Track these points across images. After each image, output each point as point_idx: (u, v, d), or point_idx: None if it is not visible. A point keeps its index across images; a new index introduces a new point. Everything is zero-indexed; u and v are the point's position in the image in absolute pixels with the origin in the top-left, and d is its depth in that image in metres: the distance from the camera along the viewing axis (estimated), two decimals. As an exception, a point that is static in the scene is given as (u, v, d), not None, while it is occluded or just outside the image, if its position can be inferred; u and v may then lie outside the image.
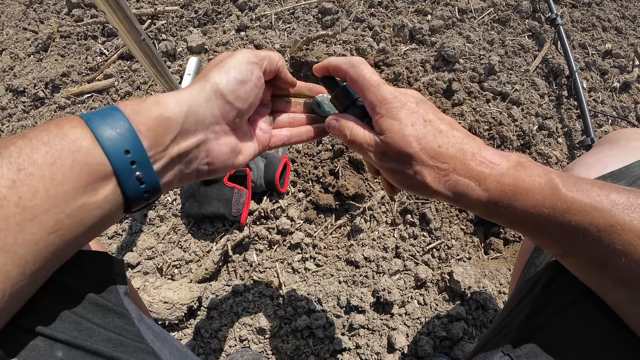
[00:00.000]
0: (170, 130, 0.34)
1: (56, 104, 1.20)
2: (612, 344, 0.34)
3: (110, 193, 0.32)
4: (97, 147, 0.30)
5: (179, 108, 0.35)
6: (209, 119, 0.37)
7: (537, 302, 0.40)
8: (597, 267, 0.33)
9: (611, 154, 0.48)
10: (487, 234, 1.01)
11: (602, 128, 1.20)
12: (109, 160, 0.31)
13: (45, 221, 0.28)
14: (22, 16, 1.43)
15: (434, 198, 0.40)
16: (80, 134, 0.30)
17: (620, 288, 0.32)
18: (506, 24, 1.31)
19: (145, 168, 0.33)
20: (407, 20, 1.25)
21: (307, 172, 1.01)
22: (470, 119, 1.09)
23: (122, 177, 0.32)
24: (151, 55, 0.78)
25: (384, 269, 0.91)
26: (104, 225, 0.33)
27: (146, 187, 0.33)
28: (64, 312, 0.33)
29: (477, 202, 0.37)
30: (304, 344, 0.84)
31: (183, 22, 1.29)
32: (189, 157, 0.37)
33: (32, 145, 0.28)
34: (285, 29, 1.27)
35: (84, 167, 0.30)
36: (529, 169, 0.36)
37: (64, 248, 0.30)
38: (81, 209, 0.30)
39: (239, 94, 0.39)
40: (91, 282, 0.36)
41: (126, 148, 0.31)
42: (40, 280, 0.31)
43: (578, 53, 1.31)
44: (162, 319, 0.83)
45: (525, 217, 0.35)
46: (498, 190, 0.36)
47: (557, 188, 0.33)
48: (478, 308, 0.89)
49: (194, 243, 0.95)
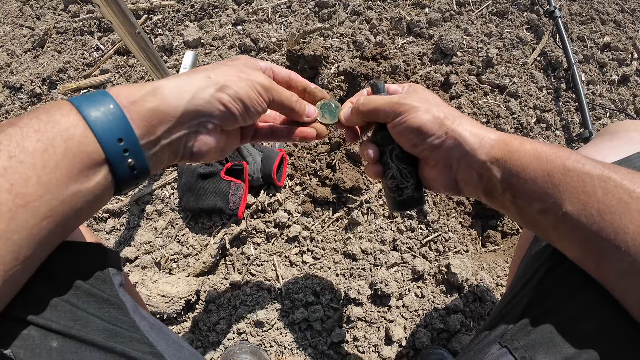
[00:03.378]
0: (164, 122, 0.35)
1: (53, 100, 1.20)
2: (612, 334, 0.33)
3: (102, 179, 0.32)
4: (90, 135, 0.31)
5: (177, 102, 0.35)
6: (205, 117, 0.38)
7: (536, 292, 0.40)
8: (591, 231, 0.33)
9: (611, 146, 0.48)
10: (484, 227, 1.01)
11: (600, 121, 1.19)
12: (102, 148, 0.31)
13: (38, 208, 0.28)
14: (18, 13, 1.43)
15: None
16: (72, 121, 0.30)
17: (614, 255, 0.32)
18: (504, 17, 1.31)
19: (137, 155, 0.33)
20: (404, 13, 1.24)
21: (304, 166, 1.01)
22: (468, 112, 1.09)
23: (115, 165, 0.32)
24: (146, 48, 0.77)
25: (382, 261, 0.91)
26: (95, 208, 0.33)
27: (137, 172, 0.34)
28: (59, 302, 0.33)
29: (487, 146, 0.41)
30: (301, 337, 0.85)
31: (179, 17, 1.28)
32: (179, 144, 0.38)
33: (23, 133, 0.28)
34: (282, 23, 1.26)
35: (77, 154, 0.30)
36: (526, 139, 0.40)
37: (56, 232, 0.31)
38: (74, 196, 0.30)
39: (239, 109, 0.39)
40: (86, 273, 0.36)
41: (119, 136, 0.32)
42: (34, 265, 0.31)
43: (576, 46, 1.30)
44: (161, 312, 0.83)
45: (523, 176, 0.37)
46: (501, 144, 0.40)
47: (556, 148, 0.37)
48: (475, 300, 0.90)
49: (191, 237, 0.95)
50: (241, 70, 0.40)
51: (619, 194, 0.32)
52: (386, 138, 0.47)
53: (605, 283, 0.34)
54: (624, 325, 0.33)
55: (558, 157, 0.36)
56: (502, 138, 0.41)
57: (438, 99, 0.45)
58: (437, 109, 0.43)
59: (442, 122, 0.42)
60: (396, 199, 0.49)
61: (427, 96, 0.45)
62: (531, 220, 0.39)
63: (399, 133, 0.45)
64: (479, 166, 0.41)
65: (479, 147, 0.41)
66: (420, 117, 0.42)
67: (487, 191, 0.42)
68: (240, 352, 0.79)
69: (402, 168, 0.47)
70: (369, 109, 0.46)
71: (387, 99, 0.45)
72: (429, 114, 0.42)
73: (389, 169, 0.48)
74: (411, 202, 0.49)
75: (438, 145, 0.42)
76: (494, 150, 0.40)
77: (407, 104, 0.43)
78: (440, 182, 0.46)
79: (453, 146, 0.42)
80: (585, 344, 0.34)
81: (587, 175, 0.34)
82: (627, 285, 0.32)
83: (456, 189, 0.45)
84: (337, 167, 0.97)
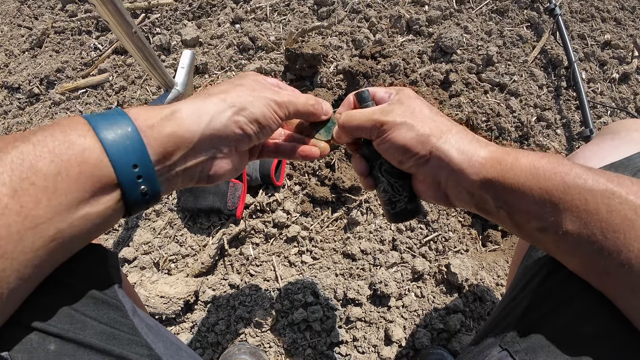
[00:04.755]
0: (181, 148, 0.35)
1: (51, 100, 1.19)
2: (613, 339, 0.33)
3: (113, 203, 0.32)
4: (105, 159, 0.30)
5: (195, 127, 0.35)
6: (222, 142, 0.38)
7: (536, 294, 0.40)
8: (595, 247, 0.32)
9: (612, 145, 0.47)
10: (484, 227, 1.01)
11: (601, 119, 1.19)
12: (115, 173, 0.31)
13: (46, 230, 0.28)
14: (16, 13, 1.42)
15: None
16: (88, 144, 0.30)
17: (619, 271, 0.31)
18: (504, 15, 1.30)
19: (150, 182, 0.33)
20: (404, 11, 1.23)
21: (303, 165, 1.00)
22: (468, 111, 1.08)
23: (127, 190, 0.32)
24: (143, 48, 0.77)
25: (381, 261, 0.91)
26: (102, 230, 0.33)
27: (148, 197, 0.34)
28: (57, 305, 0.33)
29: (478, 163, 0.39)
30: (300, 337, 0.84)
31: (177, 15, 1.28)
32: (194, 171, 0.38)
33: (36, 153, 0.28)
34: (281, 21, 1.26)
35: (89, 178, 0.29)
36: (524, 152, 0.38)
37: (62, 253, 0.31)
38: (83, 219, 0.30)
39: (255, 130, 0.39)
40: (85, 275, 0.36)
41: (134, 162, 0.31)
42: (37, 282, 0.31)
43: (577, 44, 1.30)
44: (159, 313, 0.83)
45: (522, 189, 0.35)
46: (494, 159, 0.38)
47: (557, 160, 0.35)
48: (475, 300, 0.89)
49: (190, 237, 0.95)
50: (254, 89, 0.40)
51: (624, 212, 0.30)
52: (373, 153, 0.45)
53: (609, 295, 0.34)
54: (624, 330, 0.33)
55: (557, 173, 0.34)
56: (494, 156, 0.38)
57: (425, 110, 0.42)
58: (422, 125, 0.40)
59: (427, 140, 0.39)
60: (390, 212, 0.48)
61: (413, 107, 0.42)
62: (529, 235, 0.38)
63: (384, 151, 0.43)
64: (469, 186, 0.39)
65: (467, 166, 0.38)
66: (403, 136, 0.40)
67: (479, 208, 0.40)
68: (239, 352, 0.78)
69: (392, 182, 0.46)
70: (350, 126, 0.44)
71: (368, 116, 0.43)
72: (412, 132, 0.40)
73: (380, 183, 0.47)
74: (406, 214, 0.47)
75: (423, 164, 0.41)
76: (485, 169, 0.38)
77: (389, 121, 0.41)
78: (430, 195, 0.44)
79: (438, 165, 0.40)
80: (585, 348, 0.33)
81: (590, 193, 0.32)
82: (631, 301, 0.32)
83: (447, 202, 0.44)
84: (336, 167, 0.96)
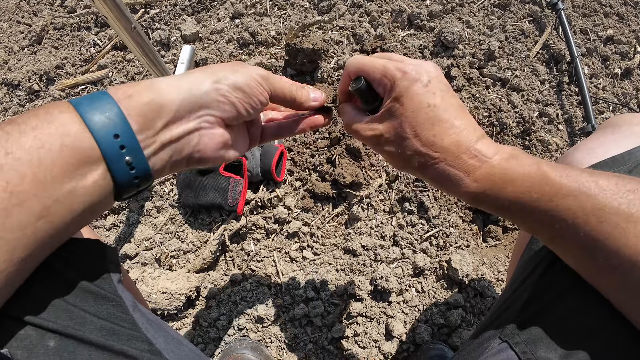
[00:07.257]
0: (161, 116, 0.34)
1: (51, 97, 1.19)
2: (614, 329, 0.33)
3: (99, 178, 0.31)
4: (86, 131, 0.30)
5: (174, 94, 0.35)
6: (204, 110, 0.37)
7: (537, 286, 0.40)
8: (586, 252, 0.33)
9: (613, 139, 0.47)
10: (485, 222, 1.01)
11: (603, 115, 1.18)
12: (97, 144, 0.30)
13: (33, 206, 0.28)
14: (15, 9, 1.41)
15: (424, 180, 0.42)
16: (68, 118, 0.30)
17: (610, 274, 0.32)
18: (506, 9, 1.29)
19: (134, 153, 0.32)
20: (405, 5, 1.22)
21: (304, 161, 1.00)
22: (470, 106, 1.08)
23: (111, 162, 0.31)
24: (143, 43, 0.76)
25: (382, 257, 0.91)
26: (94, 212, 0.33)
27: (136, 172, 0.33)
28: (56, 300, 0.32)
29: (465, 191, 0.38)
30: (302, 332, 0.85)
31: (177, 11, 1.27)
32: (181, 143, 0.36)
33: (20, 130, 0.28)
34: (281, 16, 1.25)
35: (73, 151, 0.29)
36: (520, 159, 0.37)
37: (52, 234, 0.30)
38: (69, 195, 0.30)
39: (240, 99, 0.38)
40: (84, 270, 0.36)
41: (115, 132, 0.31)
42: (29, 269, 0.30)
43: (579, 39, 1.29)
44: (161, 309, 0.83)
45: (514, 202, 0.36)
46: (487, 180, 0.37)
47: (546, 174, 0.34)
48: (476, 295, 0.89)
49: (191, 233, 0.95)
50: (235, 64, 0.39)
51: (616, 221, 0.31)
52: None
53: (604, 294, 0.34)
54: (625, 321, 0.33)
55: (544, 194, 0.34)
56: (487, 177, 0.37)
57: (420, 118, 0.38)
58: (416, 141, 0.38)
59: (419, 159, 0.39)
60: None
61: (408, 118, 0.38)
62: (527, 230, 0.39)
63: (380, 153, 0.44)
64: (460, 197, 0.40)
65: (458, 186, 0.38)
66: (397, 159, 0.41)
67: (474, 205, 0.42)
68: (241, 347, 0.79)
69: None
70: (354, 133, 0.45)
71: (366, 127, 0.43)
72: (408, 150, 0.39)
73: None
74: None
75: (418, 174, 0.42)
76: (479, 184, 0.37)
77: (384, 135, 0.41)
78: None
79: (430, 179, 0.40)
80: (586, 339, 0.34)
81: (580, 209, 0.32)
82: (626, 299, 0.33)
83: None
84: (337, 162, 0.96)
